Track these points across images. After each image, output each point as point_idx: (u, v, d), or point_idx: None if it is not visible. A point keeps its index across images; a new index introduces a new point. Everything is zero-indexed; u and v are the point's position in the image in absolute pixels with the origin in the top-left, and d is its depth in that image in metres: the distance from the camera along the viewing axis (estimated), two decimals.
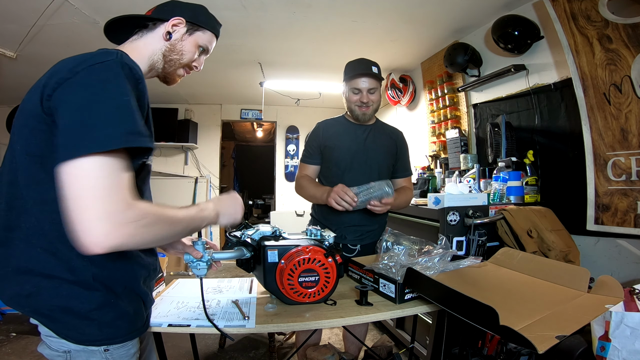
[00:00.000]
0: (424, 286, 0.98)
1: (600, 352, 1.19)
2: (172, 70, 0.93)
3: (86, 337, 0.72)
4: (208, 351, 2.35)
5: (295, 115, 5.11)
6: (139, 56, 0.85)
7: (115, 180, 0.62)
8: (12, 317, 2.72)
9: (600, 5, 1.57)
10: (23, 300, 0.71)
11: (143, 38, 0.89)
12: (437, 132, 3.04)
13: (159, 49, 0.89)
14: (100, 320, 0.73)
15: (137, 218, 0.63)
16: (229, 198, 0.93)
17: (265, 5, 2.24)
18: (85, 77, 0.65)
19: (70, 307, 0.71)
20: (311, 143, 1.65)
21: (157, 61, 0.90)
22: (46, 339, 0.74)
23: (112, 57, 0.69)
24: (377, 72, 1.52)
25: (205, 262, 0.95)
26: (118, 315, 0.75)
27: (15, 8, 2.15)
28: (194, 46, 0.93)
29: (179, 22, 0.90)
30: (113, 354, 0.74)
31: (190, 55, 0.93)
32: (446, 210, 1.75)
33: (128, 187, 0.64)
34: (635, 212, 1.52)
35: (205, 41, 0.96)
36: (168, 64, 0.91)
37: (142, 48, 0.88)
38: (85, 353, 0.72)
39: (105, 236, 0.59)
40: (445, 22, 2.49)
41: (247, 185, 7.47)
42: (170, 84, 0.97)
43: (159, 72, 0.92)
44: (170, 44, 0.90)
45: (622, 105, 1.54)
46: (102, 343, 0.73)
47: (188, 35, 0.92)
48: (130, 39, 0.90)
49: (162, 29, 0.89)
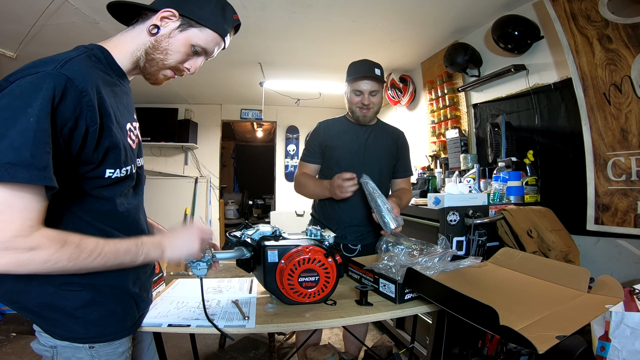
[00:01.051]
0: (424, 286, 0.98)
1: (600, 352, 1.19)
2: (153, 71, 0.81)
3: (72, 334, 0.73)
4: (208, 351, 2.35)
5: (295, 115, 5.11)
6: (122, 51, 0.78)
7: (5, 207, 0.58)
8: (12, 317, 2.72)
9: (600, 5, 1.57)
10: (14, 296, 0.72)
11: (133, 30, 0.80)
12: (437, 132, 3.04)
13: (142, 44, 0.78)
14: (86, 319, 0.73)
15: (29, 246, 0.60)
16: (184, 230, 0.85)
17: (265, 5, 2.24)
18: (10, 90, 0.60)
19: (57, 304, 0.72)
20: (312, 142, 1.65)
21: (139, 58, 0.79)
22: (37, 334, 0.75)
23: (51, 67, 0.63)
24: (379, 75, 1.52)
25: (205, 262, 0.95)
26: (104, 315, 0.76)
27: (15, 8, 2.15)
28: (184, 45, 0.80)
29: (170, 15, 0.78)
30: (99, 351, 0.75)
31: (177, 57, 0.80)
32: (446, 210, 1.75)
33: (22, 218, 0.59)
34: (635, 212, 1.52)
35: (202, 41, 0.81)
36: (149, 63, 0.80)
37: (128, 42, 0.79)
38: (71, 349, 0.73)
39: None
40: (445, 22, 2.49)
41: (247, 185, 7.46)
42: (154, 85, 0.86)
43: (141, 70, 0.82)
44: (155, 39, 0.78)
45: (622, 105, 1.54)
46: (87, 341, 0.74)
47: (179, 32, 0.79)
48: (127, 28, 0.82)
49: (151, 21, 0.78)
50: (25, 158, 0.57)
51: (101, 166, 0.72)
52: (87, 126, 0.66)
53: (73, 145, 0.66)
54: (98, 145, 0.69)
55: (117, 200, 0.78)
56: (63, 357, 0.74)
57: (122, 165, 0.75)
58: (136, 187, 0.86)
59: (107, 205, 0.76)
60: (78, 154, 0.67)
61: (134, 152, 0.82)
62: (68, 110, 0.63)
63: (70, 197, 0.71)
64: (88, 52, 0.73)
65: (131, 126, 0.84)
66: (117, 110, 0.76)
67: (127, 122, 0.82)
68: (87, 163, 0.70)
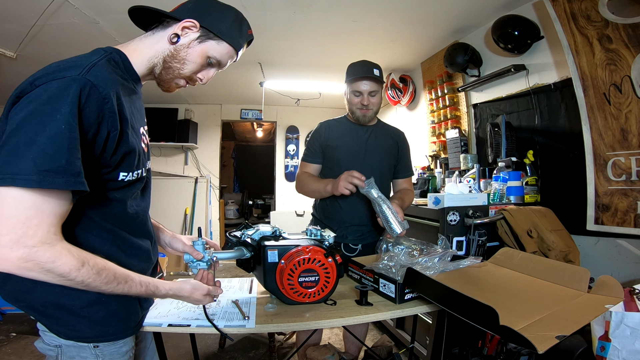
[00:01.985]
0: (424, 286, 0.98)
1: (600, 352, 1.19)
2: (168, 79, 0.83)
3: (76, 333, 0.73)
4: (208, 351, 2.35)
5: (295, 115, 5.11)
6: (139, 57, 0.80)
7: (30, 215, 0.60)
8: (12, 317, 2.73)
9: (600, 5, 1.57)
10: (20, 295, 0.72)
11: (153, 36, 0.81)
12: (437, 132, 3.04)
13: (161, 51, 0.80)
14: (91, 318, 0.74)
15: (52, 258, 0.61)
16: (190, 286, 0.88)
17: (265, 5, 2.24)
18: (36, 95, 0.61)
19: (62, 303, 0.72)
20: (313, 142, 1.65)
21: (157, 65, 0.81)
22: (41, 333, 0.75)
23: (76, 72, 0.64)
24: (378, 75, 1.53)
25: (205, 262, 0.95)
26: (109, 314, 0.76)
27: (15, 8, 2.15)
28: (201, 57, 0.82)
29: (191, 26, 0.80)
30: (103, 350, 0.75)
31: (192, 67, 0.83)
32: (446, 210, 1.75)
33: (48, 223, 0.61)
34: (635, 212, 1.52)
35: (218, 53, 0.84)
36: (166, 71, 0.82)
37: (146, 48, 0.81)
38: (75, 348, 0.73)
39: (10, 263, 0.60)
40: (445, 22, 2.49)
41: (247, 185, 7.47)
42: (166, 92, 0.89)
43: (155, 77, 0.84)
44: (174, 48, 0.80)
45: (622, 105, 1.54)
46: (92, 340, 0.74)
47: (198, 43, 0.81)
48: (145, 33, 0.83)
49: (172, 29, 0.80)
50: (61, 164, 0.60)
51: (116, 170, 0.74)
52: (108, 131, 0.68)
53: (95, 149, 0.68)
54: (117, 149, 0.71)
55: (127, 203, 0.80)
56: (67, 356, 0.74)
57: (135, 168, 0.77)
58: (144, 189, 0.88)
59: (118, 207, 0.78)
60: (98, 158, 0.69)
61: (145, 156, 0.84)
62: (92, 116, 0.65)
63: (83, 199, 0.71)
64: (108, 56, 0.74)
65: (143, 130, 0.86)
66: (132, 115, 0.78)
67: (140, 127, 0.84)
68: (104, 166, 0.72)
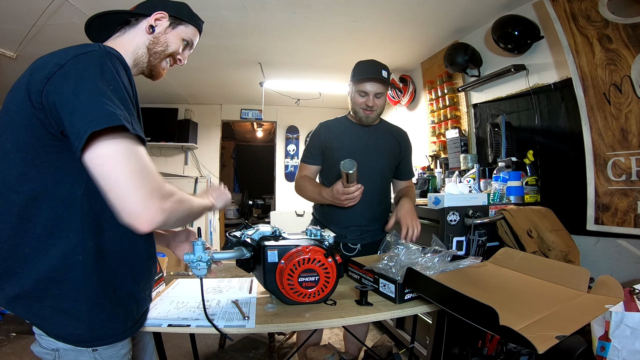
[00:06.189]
0: (424, 286, 0.97)
1: (600, 352, 1.19)
2: (157, 63, 0.94)
3: (75, 337, 0.72)
4: (208, 351, 2.35)
5: (295, 115, 5.10)
6: (122, 51, 0.83)
7: (142, 162, 0.66)
8: (12, 317, 2.72)
9: (600, 5, 1.57)
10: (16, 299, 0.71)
11: (126, 34, 0.91)
12: (437, 132, 3.04)
13: (142, 42, 0.91)
14: (91, 322, 0.73)
15: (172, 193, 0.70)
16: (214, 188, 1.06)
17: (265, 5, 2.24)
18: (74, 66, 0.66)
19: (61, 307, 0.71)
20: (312, 143, 1.64)
21: (142, 55, 0.91)
22: (38, 337, 0.75)
23: (95, 47, 0.71)
24: (386, 77, 1.49)
25: (205, 262, 0.95)
26: (108, 317, 0.75)
27: (15, 8, 2.15)
28: (178, 39, 0.96)
29: (162, 16, 0.92)
30: (102, 354, 0.75)
31: (175, 47, 0.95)
32: (446, 210, 1.75)
33: (153, 166, 0.68)
34: (635, 212, 1.52)
35: (189, 35, 0.98)
36: (153, 56, 0.92)
37: (126, 43, 0.89)
38: (73, 352, 0.73)
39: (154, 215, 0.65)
40: (445, 22, 2.48)
41: (247, 185, 7.45)
42: (155, 79, 0.98)
43: (143, 67, 0.92)
44: (154, 37, 0.92)
45: (622, 105, 1.54)
46: (91, 344, 0.73)
47: (171, 29, 0.94)
48: (112, 36, 0.91)
49: (145, 23, 0.91)
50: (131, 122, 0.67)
51: None
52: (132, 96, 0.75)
53: None
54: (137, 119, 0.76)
55: None
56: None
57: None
58: None
59: None
60: None
61: None
62: (126, 80, 0.72)
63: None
64: (101, 44, 0.77)
65: None
66: None
67: None
68: None
